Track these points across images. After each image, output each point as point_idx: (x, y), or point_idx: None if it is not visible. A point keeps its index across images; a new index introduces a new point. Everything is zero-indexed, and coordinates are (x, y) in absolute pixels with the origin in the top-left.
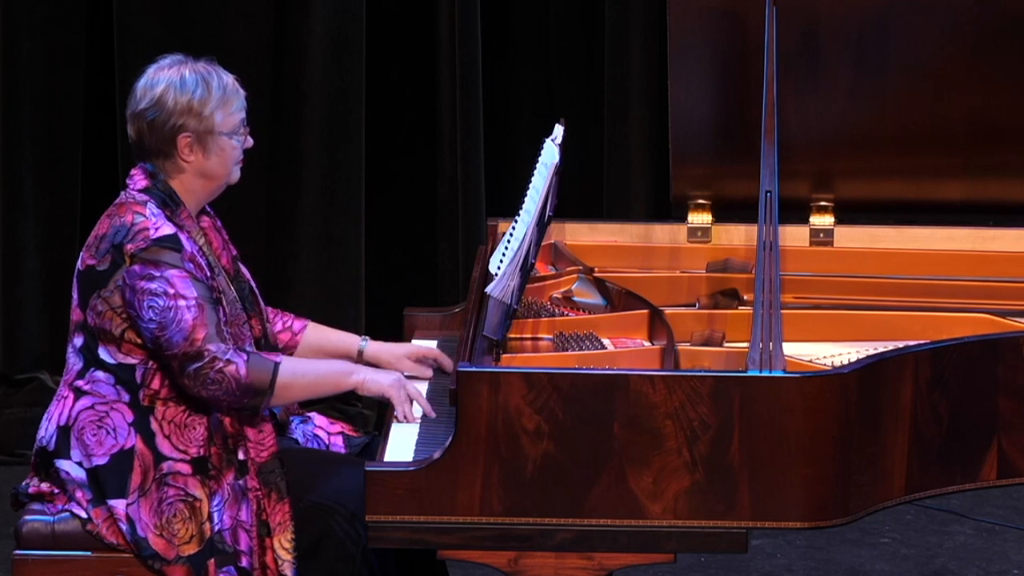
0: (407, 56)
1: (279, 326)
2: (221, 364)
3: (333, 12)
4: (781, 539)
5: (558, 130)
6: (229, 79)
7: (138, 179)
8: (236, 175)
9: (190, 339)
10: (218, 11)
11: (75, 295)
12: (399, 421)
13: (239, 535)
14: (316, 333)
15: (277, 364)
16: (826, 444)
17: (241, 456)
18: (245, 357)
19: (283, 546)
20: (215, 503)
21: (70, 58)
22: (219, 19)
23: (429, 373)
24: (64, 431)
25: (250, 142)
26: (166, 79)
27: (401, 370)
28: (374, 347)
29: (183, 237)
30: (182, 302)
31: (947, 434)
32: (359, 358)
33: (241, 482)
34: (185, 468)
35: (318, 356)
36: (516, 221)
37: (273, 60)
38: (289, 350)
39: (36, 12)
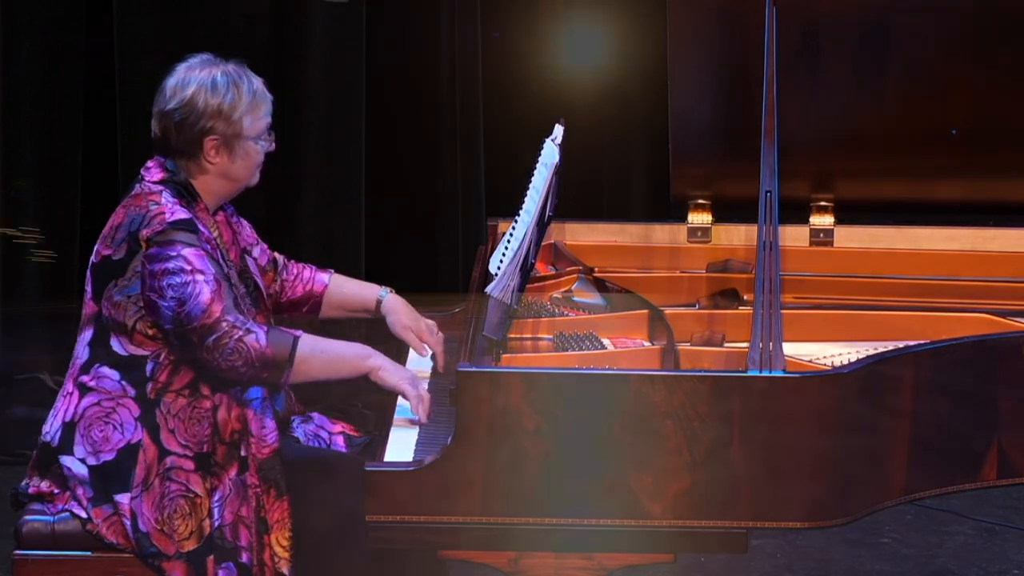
0: (407, 56)
1: (300, 290)
2: (240, 333)
3: (333, 12)
4: (781, 539)
5: (558, 130)
6: (258, 83)
7: (154, 171)
8: (256, 178)
9: (208, 311)
10: (218, 11)
11: (88, 288)
12: (412, 419)
13: (239, 531)
14: (337, 291)
15: (297, 338)
16: (826, 444)
17: (242, 452)
18: (265, 328)
19: (280, 543)
20: (215, 499)
21: (70, 58)
22: (219, 19)
23: (425, 352)
24: (69, 427)
25: (273, 146)
26: (197, 80)
27: (402, 338)
28: (391, 302)
29: (199, 224)
30: (200, 276)
31: (947, 434)
32: (376, 308)
33: (242, 478)
34: (188, 464)
35: (338, 312)
36: (516, 221)
37: (273, 60)
38: (314, 311)
39: (36, 12)
